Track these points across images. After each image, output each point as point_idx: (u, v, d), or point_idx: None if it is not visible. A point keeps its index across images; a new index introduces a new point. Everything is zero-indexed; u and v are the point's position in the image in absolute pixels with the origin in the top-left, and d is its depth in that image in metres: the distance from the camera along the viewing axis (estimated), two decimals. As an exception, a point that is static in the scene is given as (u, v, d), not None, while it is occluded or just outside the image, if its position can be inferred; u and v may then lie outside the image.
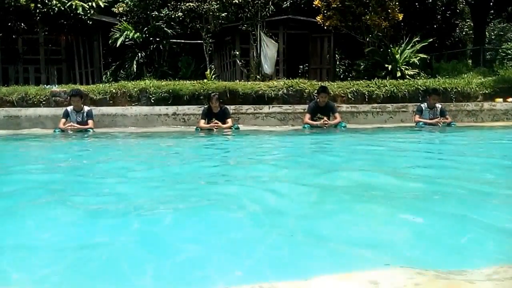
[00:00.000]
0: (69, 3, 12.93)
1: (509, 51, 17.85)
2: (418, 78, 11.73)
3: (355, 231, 2.06)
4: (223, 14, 13.28)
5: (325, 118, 8.14)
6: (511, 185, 3.12)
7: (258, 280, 1.49)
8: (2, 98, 9.09)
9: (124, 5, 13.97)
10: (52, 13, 12.83)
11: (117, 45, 13.44)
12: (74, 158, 5.05)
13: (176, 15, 13.25)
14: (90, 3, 13.39)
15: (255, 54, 13.25)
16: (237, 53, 14.05)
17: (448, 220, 2.21)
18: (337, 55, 17.98)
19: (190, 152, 5.55)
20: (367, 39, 12.78)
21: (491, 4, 18.65)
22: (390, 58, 12.03)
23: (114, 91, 9.50)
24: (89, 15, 13.24)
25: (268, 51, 12.89)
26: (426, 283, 1.41)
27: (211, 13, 13.05)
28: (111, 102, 9.39)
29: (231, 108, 8.59)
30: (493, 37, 26.47)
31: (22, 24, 13.04)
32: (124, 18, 13.76)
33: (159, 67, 13.75)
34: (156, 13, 13.34)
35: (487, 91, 10.50)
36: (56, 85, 10.88)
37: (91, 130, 7.64)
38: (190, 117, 8.91)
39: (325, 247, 1.86)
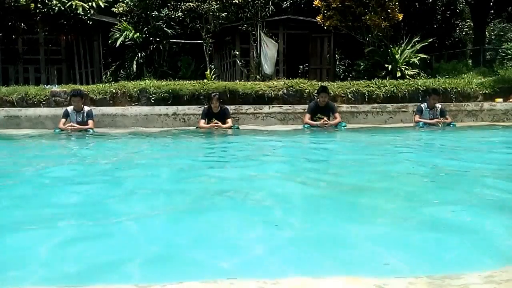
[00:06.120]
0: (69, 3, 12.91)
1: (509, 51, 17.82)
2: (418, 78, 11.71)
3: (357, 232, 2.06)
4: (223, 14, 13.26)
5: (325, 118, 8.14)
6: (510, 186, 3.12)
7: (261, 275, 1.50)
8: (2, 98, 9.08)
9: (124, 5, 13.95)
10: (52, 13, 12.81)
11: (117, 45, 13.43)
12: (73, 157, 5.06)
13: (176, 15, 13.24)
14: (90, 3, 13.37)
15: (255, 54, 13.24)
16: (237, 53, 14.03)
17: (447, 220, 2.21)
18: (337, 55, 17.95)
19: (190, 152, 5.55)
20: (367, 39, 12.77)
21: (491, 4, 18.62)
22: (390, 58, 12.02)
23: (114, 91, 9.49)
24: (89, 15, 13.22)
25: (268, 51, 12.87)
26: None
27: (211, 13, 13.04)
28: (111, 102, 9.39)
29: (231, 108, 8.58)
30: (493, 37, 26.43)
31: (22, 24, 13.02)
32: (124, 18, 13.74)
33: (159, 67, 13.73)
34: (156, 13, 13.32)
35: (487, 91, 10.49)
36: (56, 85, 10.86)
37: (91, 130, 7.64)
38: (190, 117, 8.90)
39: (327, 246, 1.86)
